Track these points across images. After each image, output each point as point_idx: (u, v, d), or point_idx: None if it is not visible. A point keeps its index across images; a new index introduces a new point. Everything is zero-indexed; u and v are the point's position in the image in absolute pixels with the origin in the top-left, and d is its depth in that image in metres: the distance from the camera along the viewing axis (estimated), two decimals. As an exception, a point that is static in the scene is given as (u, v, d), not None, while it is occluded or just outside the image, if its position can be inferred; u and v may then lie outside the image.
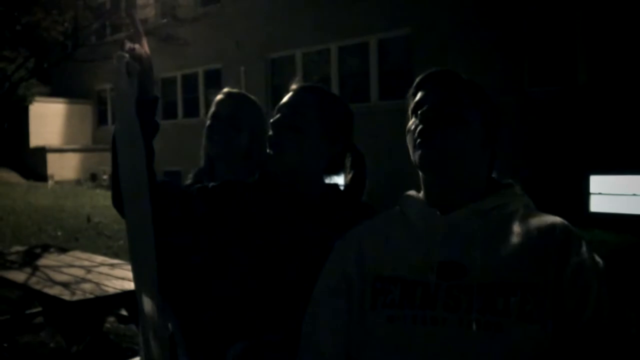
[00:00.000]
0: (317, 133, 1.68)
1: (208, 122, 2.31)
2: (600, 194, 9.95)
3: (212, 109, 2.34)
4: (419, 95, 1.41)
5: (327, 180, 1.80)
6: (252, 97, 2.38)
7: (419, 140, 1.34)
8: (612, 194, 9.80)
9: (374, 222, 1.50)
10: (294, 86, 1.76)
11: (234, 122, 2.26)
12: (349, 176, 1.81)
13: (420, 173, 1.40)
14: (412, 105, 1.42)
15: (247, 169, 2.10)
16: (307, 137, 1.67)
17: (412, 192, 1.47)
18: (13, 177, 18.99)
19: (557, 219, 1.31)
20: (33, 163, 20.22)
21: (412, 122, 1.39)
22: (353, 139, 1.81)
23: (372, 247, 1.40)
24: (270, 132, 1.68)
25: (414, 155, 1.36)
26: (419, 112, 1.36)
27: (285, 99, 1.73)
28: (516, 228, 1.29)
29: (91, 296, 3.65)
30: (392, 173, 10.59)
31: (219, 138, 2.26)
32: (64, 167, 19.46)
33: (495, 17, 10.76)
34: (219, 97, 2.35)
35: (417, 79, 1.44)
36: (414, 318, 1.24)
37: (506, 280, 1.21)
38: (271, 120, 1.69)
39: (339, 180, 1.83)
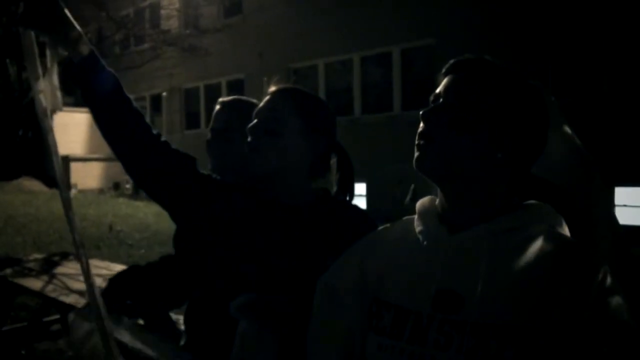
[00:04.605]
0: (296, 136, 1.64)
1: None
2: (625, 205, 9.79)
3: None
4: (441, 85, 1.25)
5: (314, 184, 1.75)
6: (251, 100, 2.20)
7: (416, 142, 1.21)
8: (638, 206, 9.64)
9: (383, 234, 1.40)
10: (270, 89, 1.72)
11: (226, 134, 2.14)
12: (336, 177, 1.77)
13: None
14: (432, 95, 1.26)
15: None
16: (286, 141, 1.63)
17: (426, 201, 1.33)
18: (36, 185, 19.13)
19: (579, 247, 1.13)
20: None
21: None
22: (337, 138, 1.76)
23: (375, 264, 1.30)
24: (249, 138, 1.64)
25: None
26: (420, 112, 1.21)
27: (262, 103, 1.70)
28: (528, 256, 1.12)
29: (107, 305, 3.61)
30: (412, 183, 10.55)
31: (214, 153, 2.15)
32: (87, 176, 19.60)
33: (518, 29, 10.68)
34: (217, 107, 2.22)
35: (447, 65, 1.27)
36: (401, 351, 1.15)
37: (504, 321, 1.07)
38: (248, 126, 1.65)
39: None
